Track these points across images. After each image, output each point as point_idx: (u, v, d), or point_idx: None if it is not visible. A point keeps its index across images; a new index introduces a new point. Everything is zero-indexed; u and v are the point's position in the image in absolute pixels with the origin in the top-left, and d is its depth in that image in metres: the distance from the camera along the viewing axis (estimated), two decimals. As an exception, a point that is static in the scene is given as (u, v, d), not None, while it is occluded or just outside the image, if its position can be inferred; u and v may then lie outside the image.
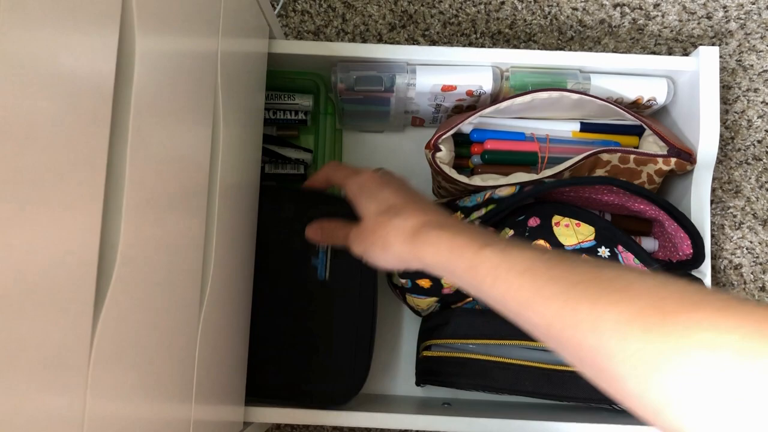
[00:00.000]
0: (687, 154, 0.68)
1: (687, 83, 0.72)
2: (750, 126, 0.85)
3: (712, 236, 0.83)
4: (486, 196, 0.68)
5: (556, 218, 0.65)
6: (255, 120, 0.66)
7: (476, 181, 0.70)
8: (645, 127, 0.69)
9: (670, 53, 0.86)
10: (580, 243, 0.66)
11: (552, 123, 0.73)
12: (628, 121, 0.71)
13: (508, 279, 0.42)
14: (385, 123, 0.80)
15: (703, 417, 0.30)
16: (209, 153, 0.51)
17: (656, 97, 0.71)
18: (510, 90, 0.71)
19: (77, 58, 0.30)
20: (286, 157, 0.80)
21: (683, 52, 0.86)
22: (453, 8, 0.87)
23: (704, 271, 0.68)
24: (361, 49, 0.72)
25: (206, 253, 0.51)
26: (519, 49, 0.86)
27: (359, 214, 0.56)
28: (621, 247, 0.65)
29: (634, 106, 0.73)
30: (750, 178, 0.84)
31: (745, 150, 0.84)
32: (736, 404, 0.29)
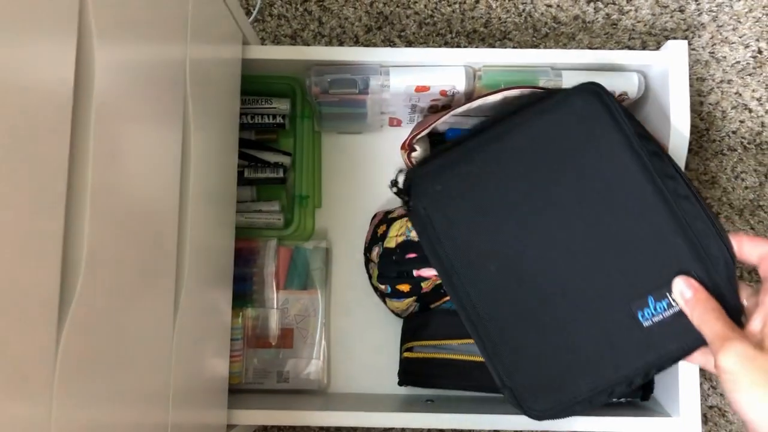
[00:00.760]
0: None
1: (658, 77, 0.73)
2: (724, 117, 0.86)
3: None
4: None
5: None
6: (229, 125, 0.67)
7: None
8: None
9: (644, 47, 0.87)
10: None
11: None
12: (601, 115, 0.72)
13: None
14: (362, 124, 0.80)
15: None
16: (180, 159, 0.51)
17: (628, 91, 0.72)
18: (483, 89, 0.72)
19: (33, 68, 0.31)
20: (264, 160, 0.80)
21: (657, 45, 0.87)
22: (428, 8, 0.88)
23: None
24: (335, 52, 0.73)
25: (180, 257, 0.52)
26: (494, 47, 0.87)
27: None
28: None
29: (607, 101, 0.73)
30: (726, 169, 0.85)
31: (720, 141, 0.85)
32: None
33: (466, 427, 0.69)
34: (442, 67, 0.72)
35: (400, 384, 0.75)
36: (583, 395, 0.58)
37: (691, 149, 0.85)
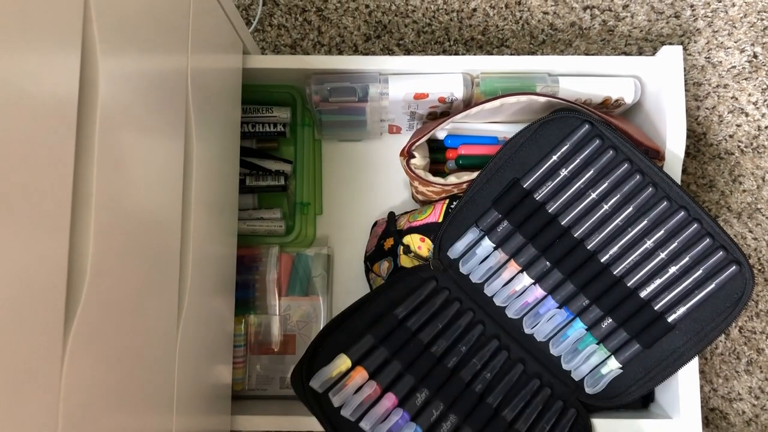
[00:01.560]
0: (655, 152, 0.69)
1: (654, 82, 0.73)
2: (721, 121, 0.86)
3: (689, 231, 0.85)
4: None
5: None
6: (231, 133, 0.68)
7: (451, 179, 0.71)
8: (613, 127, 0.71)
9: (640, 53, 0.88)
10: None
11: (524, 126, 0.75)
12: (599, 121, 0.72)
13: None
14: (362, 132, 0.81)
15: None
16: (182, 167, 0.52)
17: (624, 96, 0.73)
18: (481, 96, 0.72)
19: (38, 79, 0.32)
20: (266, 168, 0.81)
21: (653, 51, 0.87)
22: (426, 17, 0.89)
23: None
24: (334, 61, 0.73)
25: (183, 265, 0.53)
26: (492, 54, 0.88)
27: None
28: None
29: (603, 107, 0.74)
30: (723, 172, 0.85)
31: (717, 145, 0.86)
32: None
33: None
34: (440, 75, 0.73)
35: None
36: None
37: (688, 153, 0.86)
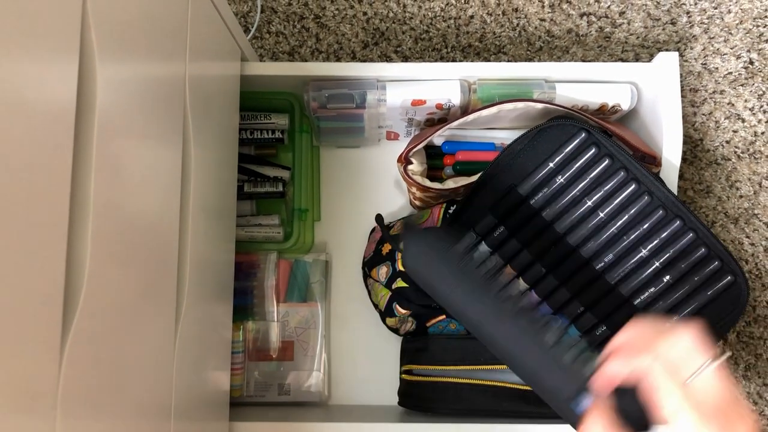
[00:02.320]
0: (651, 158, 0.70)
1: (650, 88, 0.74)
2: (718, 127, 0.87)
3: (686, 236, 0.85)
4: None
5: None
6: (229, 140, 0.68)
7: (449, 184, 0.71)
8: (609, 133, 0.71)
9: (637, 59, 0.88)
10: None
11: (521, 133, 0.75)
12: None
13: None
14: (360, 138, 0.82)
15: None
16: (180, 174, 0.52)
17: (621, 103, 0.73)
18: (478, 102, 0.73)
19: (36, 86, 0.32)
20: (264, 175, 0.81)
21: (650, 57, 0.88)
22: (424, 24, 0.89)
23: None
24: (332, 67, 0.74)
25: (180, 272, 0.53)
26: (489, 61, 0.88)
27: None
28: None
29: (600, 113, 0.75)
30: (720, 178, 0.86)
31: (714, 150, 0.86)
32: None
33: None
34: (438, 81, 0.73)
35: (400, 404, 0.76)
36: None
37: (685, 159, 0.86)
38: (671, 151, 0.70)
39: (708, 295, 0.64)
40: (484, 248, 0.68)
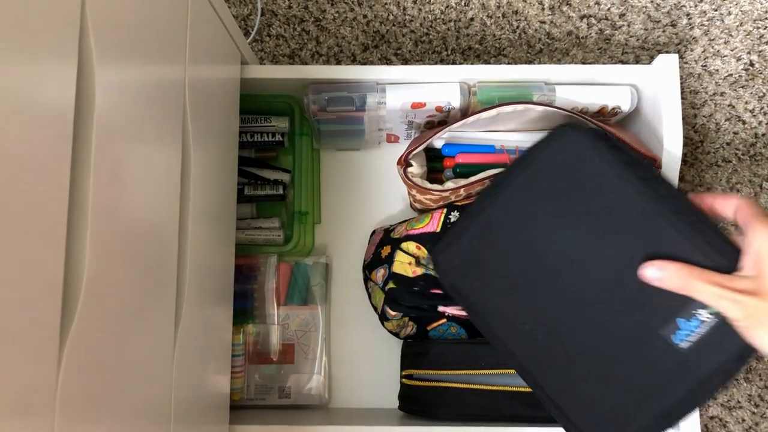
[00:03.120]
0: (651, 160, 0.69)
1: (650, 90, 0.74)
2: (718, 129, 0.86)
3: (687, 238, 0.85)
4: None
5: None
6: (229, 143, 0.68)
7: (449, 185, 0.71)
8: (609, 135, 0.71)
9: (637, 61, 0.88)
10: None
11: (522, 135, 0.75)
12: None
13: None
14: (360, 141, 0.82)
15: None
16: (179, 178, 0.52)
17: (621, 105, 0.73)
18: (478, 105, 0.73)
19: (34, 90, 0.32)
20: (264, 178, 0.81)
21: (650, 60, 0.88)
22: (424, 27, 0.89)
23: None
24: (332, 70, 0.74)
25: (180, 275, 0.53)
26: (489, 63, 0.89)
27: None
28: None
29: (600, 115, 0.75)
30: (721, 180, 0.86)
31: (714, 152, 0.86)
32: None
33: (467, 440, 0.69)
34: (438, 84, 0.73)
35: (401, 409, 0.76)
36: (649, 426, 0.58)
37: (686, 161, 0.86)
38: (671, 154, 0.70)
39: None
40: None
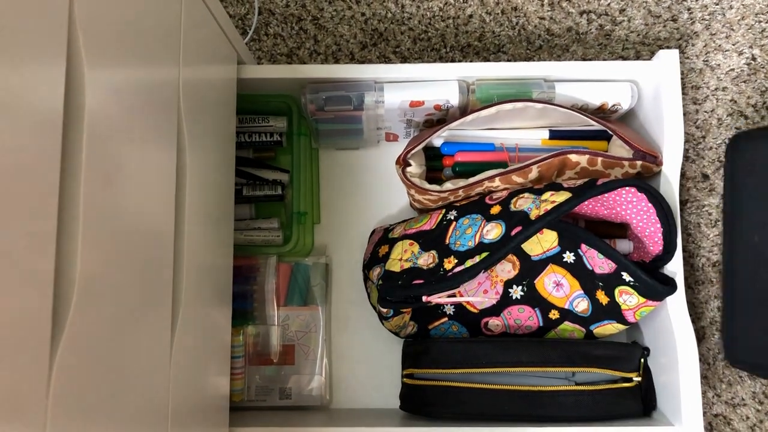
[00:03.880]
0: (652, 157, 0.69)
1: (650, 86, 0.73)
2: (720, 124, 0.86)
3: (689, 235, 0.84)
4: (477, 241, 0.68)
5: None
6: (225, 144, 0.68)
7: (447, 186, 0.71)
8: (610, 132, 0.70)
9: (638, 57, 0.87)
10: (545, 252, 0.67)
11: (521, 132, 0.74)
12: (596, 126, 0.72)
13: None
14: (359, 140, 0.81)
15: None
16: (174, 180, 0.52)
17: (621, 101, 0.72)
18: (477, 102, 0.72)
19: (20, 93, 0.32)
20: (263, 178, 0.81)
21: (651, 55, 0.87)
22: (422, 24, 0.89)
23: (674, 270, 0.68)
24: (329, 70, 0.73)
25: (177, 277, 0.52)
26: (489, 61, 0.88)
27: None
28: (584, 246, 0.66)
29: (600, 112, 0.74)
30: (723, 176, 0.85)
31: (716, 148, 0.85)
32: None
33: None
34: (436, 82, 0.72)
35: (402, 408, 0.75)
36: None
37: (687, 157, 0.85)
38: (672, 150, 0.69)
39: None
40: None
